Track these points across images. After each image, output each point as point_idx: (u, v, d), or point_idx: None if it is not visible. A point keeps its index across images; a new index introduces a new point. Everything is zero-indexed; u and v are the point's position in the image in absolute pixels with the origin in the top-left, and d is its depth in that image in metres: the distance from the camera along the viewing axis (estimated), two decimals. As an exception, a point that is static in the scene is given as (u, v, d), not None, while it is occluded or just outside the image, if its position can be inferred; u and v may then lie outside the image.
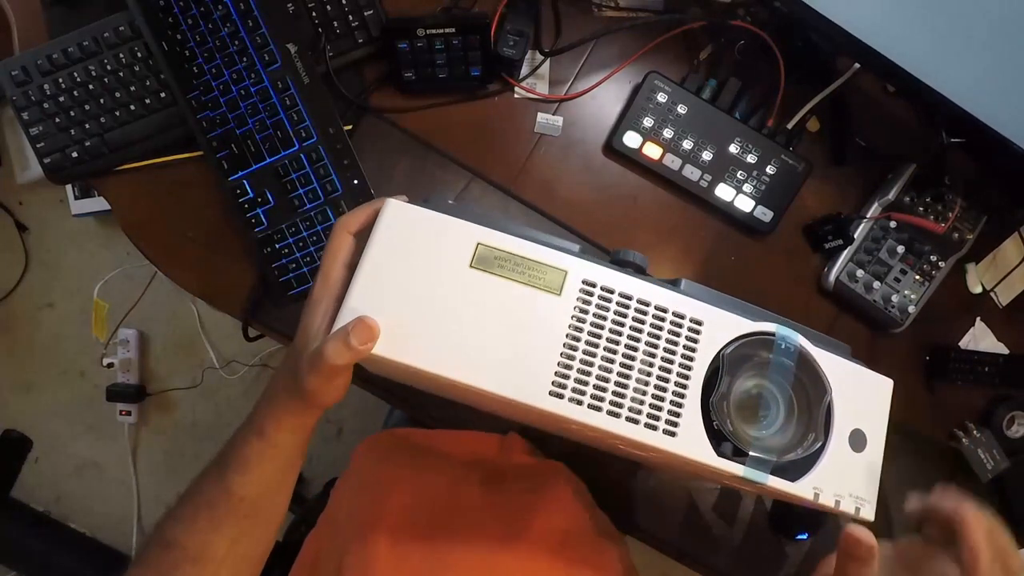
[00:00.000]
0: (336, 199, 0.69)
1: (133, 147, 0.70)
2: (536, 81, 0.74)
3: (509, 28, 0.70)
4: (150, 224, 0.73)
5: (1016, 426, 0.80)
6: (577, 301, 0.41)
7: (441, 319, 0.41)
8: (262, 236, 0.69)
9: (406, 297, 0.41)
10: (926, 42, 0.60)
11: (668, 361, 0.41)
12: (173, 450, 1.66)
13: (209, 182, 0.71)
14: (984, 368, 0.78)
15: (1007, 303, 0.80)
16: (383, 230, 0.42)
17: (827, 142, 0.78)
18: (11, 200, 1.62)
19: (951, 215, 0.75)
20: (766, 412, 0.43)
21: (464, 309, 0.41)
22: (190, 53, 0.67)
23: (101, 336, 1.53)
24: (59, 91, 0.68)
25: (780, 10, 0.64)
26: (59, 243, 1.64)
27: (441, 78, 0.71)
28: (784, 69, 0.71)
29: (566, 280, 0.42)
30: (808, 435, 0.43)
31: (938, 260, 0.77)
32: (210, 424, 1.65)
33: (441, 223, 0.42)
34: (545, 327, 0.41)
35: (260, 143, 0.68)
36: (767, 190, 0.74)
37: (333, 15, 0.70)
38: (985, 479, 0.78)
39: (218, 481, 0.46)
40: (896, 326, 0.77)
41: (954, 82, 0.61)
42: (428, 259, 0.42)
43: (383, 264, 0.42)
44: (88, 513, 1.64)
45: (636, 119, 0.73)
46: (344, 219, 0.45)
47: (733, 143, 0.73)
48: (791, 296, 0.78)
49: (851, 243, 0.76)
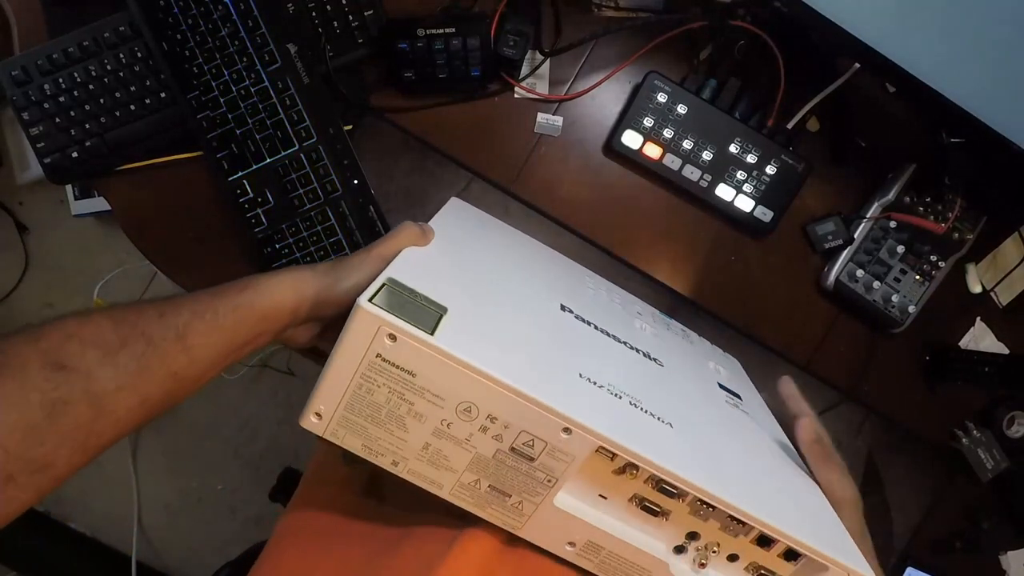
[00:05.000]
0: (336, 199, 0.69)
1: (133, 147, 0.70)
2: (536, 81, 0.74)
3: (509, 28, 0.70)
4: (150, 224, 0.73)
5: (1016, 426, 0.80)
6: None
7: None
8: (262, 236, 0.69)
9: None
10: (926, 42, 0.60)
11: None
12: (173, 450, 1.66)
13: (209, 182, 0.71)
14: (984, 368, 0.78)
15: (1007, 303, 0.80)
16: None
17: (827, 142, 0.78)
18: (11, 200, 1.62)
19: (951, 215, 0.75)
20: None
21: None
22: (190, 53, 0.67)
23: (101, 336, 1.53)
24: (59, 91, 0.68)
25: (780, 10, 0.64)
26: (59, 243, 1.64)
27: (441, 78, 0.71)
28: (784, 69, 0.71)
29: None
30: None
31: (938, 260, 0.77)
32: (210, 424, 1.65)
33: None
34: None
35: (260, 143, 0.68)
36: (767, 190, 0.74)
37: (333, 15, 0.70)
38: (985, 479, 0.78)
39: (163, 318, 0.38)
40: (896, 326, 0.77)
41: (954, 82, 0.61)
42: None
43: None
44: (88, 513, 1.64)
45: (636, 119, 0.73)
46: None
47: (733, 143, 0.73)
48: (791, 296, 0.78)
49: (851, 243, 0.76)
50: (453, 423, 0.39)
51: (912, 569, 0.80)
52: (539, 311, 0.49)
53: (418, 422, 0.39)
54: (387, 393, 0.39)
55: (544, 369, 0.41)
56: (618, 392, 0.43)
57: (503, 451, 0.40)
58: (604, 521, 0.42)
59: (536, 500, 0.41)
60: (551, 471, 0.40)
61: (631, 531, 0.42)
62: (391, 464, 0.41)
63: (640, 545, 0.42)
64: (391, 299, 0.38)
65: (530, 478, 0.40)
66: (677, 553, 0.43)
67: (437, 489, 0.41)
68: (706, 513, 0.42)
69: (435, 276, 0.43)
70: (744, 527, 0.42)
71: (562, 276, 0.62)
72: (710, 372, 0.61)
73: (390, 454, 0.40)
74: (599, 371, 0.43)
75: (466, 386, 0.38)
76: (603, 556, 0.42)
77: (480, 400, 0.39)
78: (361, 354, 0.38)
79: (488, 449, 0.40)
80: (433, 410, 0.39)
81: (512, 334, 0.43)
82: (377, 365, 0.38)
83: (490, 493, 0.41)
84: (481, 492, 0.41)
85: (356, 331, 0.38)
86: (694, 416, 0.49)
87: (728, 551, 0.43)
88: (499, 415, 0.39)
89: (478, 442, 0.40)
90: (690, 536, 0.43)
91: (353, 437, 0.40)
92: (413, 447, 0.40)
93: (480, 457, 0.40)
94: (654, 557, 0.42)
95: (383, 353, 0.38)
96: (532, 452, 0.40)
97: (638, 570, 0.43)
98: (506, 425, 0.39)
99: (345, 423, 0.40)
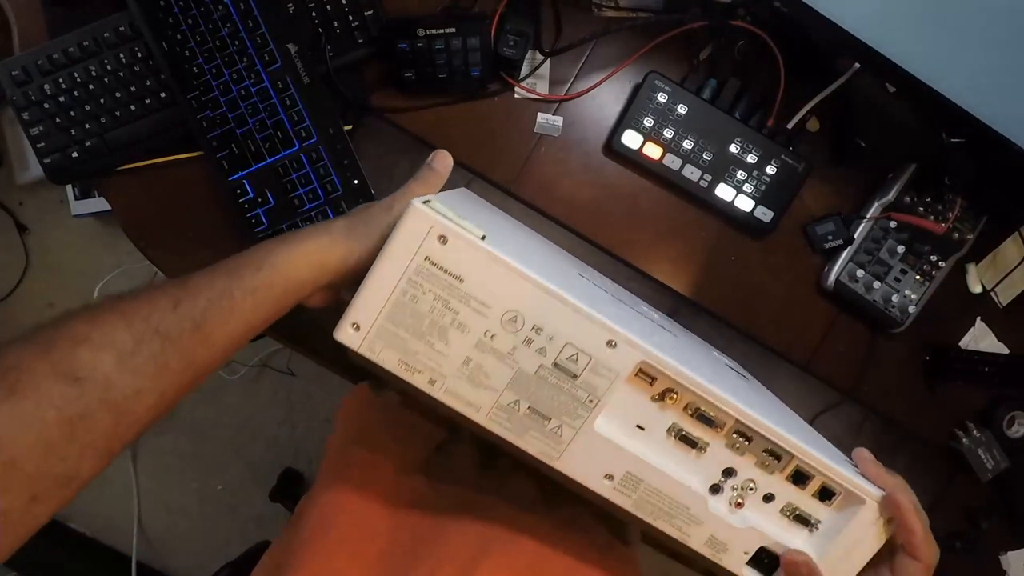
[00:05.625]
0: (336, 199, 0.69)
1: (133, 147, 0.70)
2: (536, 81, 0.74)
3: (509, 28, 0.70)
4: (150, 224, 0.73)
5: (1016, 426, 0.80)
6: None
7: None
8: (262, 236, 0.69)
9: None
10: (926, 42, 0.60)
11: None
12: (173, 450, 1.65)
13: (209, 182, 0.71)
14: (984, 368, 0.78)
15: (1007, 303, 0.80)
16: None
17: (827, 142, 0.78)
18: (11, 200, 1.62)
19: (951, 215, 0.75)
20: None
21: None
22: (190, 53, 0.67)
23: (101, 336, 1.53)
24: (59, 91, 0.68)
25: (780, 10, 0.64)
26: (59, 243, 1.64)
27: (441, 78, 0.71)
28: (784, 69, 0.71)
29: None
30: None
31: (938, 260, 0.77)
32: (210, 424, 1.65)
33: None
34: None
35: (260, 143, 0.68)
36: (767, 190, 0.74)
37: (333, 15, 0.70)
38: (985, 479, 0.78)
39: (179, 308, 0.36)
40: (896, 326, 0.77)
41: (954, 82, 0.61)
42: None
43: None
44: (88, 513, 1.64)
45: (636, 119, 0.73)
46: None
47: (733, 143, 0.73)
48: (791, 296, 0.78)
49: (851, 243, 0.76)
50: (497, 334, 0.39)
51: (912, 569, 0.80)
52: (563, 269, 0.50)
53: (461, 333, 0.39)
54: (432, 301, 0.38)
55: (582, 294, 0.41)
56: (648, 334, 0.43)
57: (546, 366, 0.39)
58: (643, 451, 0.41)
59: (576, 424, 0.40)
60: (593, 390, 0.40)
61: (669, 463, 0.42)
62: (427, 383, 0.40)
63: (679, 478, 0.42)
64: (440, 207, 0.38)
65: (571, 398, 0.40)
66: (713, 493, 0.43)
67: (473, 412, 0.40)
68: (742, 447, 0.42)
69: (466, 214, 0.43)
70: (779, 462, 0.42)
71: (570, 261, 0.62)
72: (716, 356, 0.61)
73: (428, 371, 0.39)
74: (625, 322, 0.44)
75: (514, 293, 0.38)
76: (641, 491, 0.41)
77: (527, 308, 0.38)
78: (409, 257, 0.37)
79: (531, 364, 0.39)
80: (478, 320, 0.38)
81: (547, 268, 0.43)
82: (425, 269, 0.38)
83: (529, 416, 0.40)
84: (520, 415, 0.40)
85: (407, 232, 0.37)
86: (717, 369, 0.49)
87: (764, 490, 0.43)
88: (545, 325, 0.38)
89: (521, 356, 0.39)
90: (726, 473, 0.43)
91: (390, 351, 0.39)
92: (453, 362, 0.39)
93: (522, 374, 0.39)
94: (693, 492, 0.42)
95: (432, 256, 0.37)
96: (575, 368, 0.39)
97: (677, 507, 0.42)
98: (551, 337, 0.39)
99: (384, 335, 0.39)
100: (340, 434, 0.65)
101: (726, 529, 0.42)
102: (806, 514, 0.43)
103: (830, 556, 0.43)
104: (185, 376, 0.37)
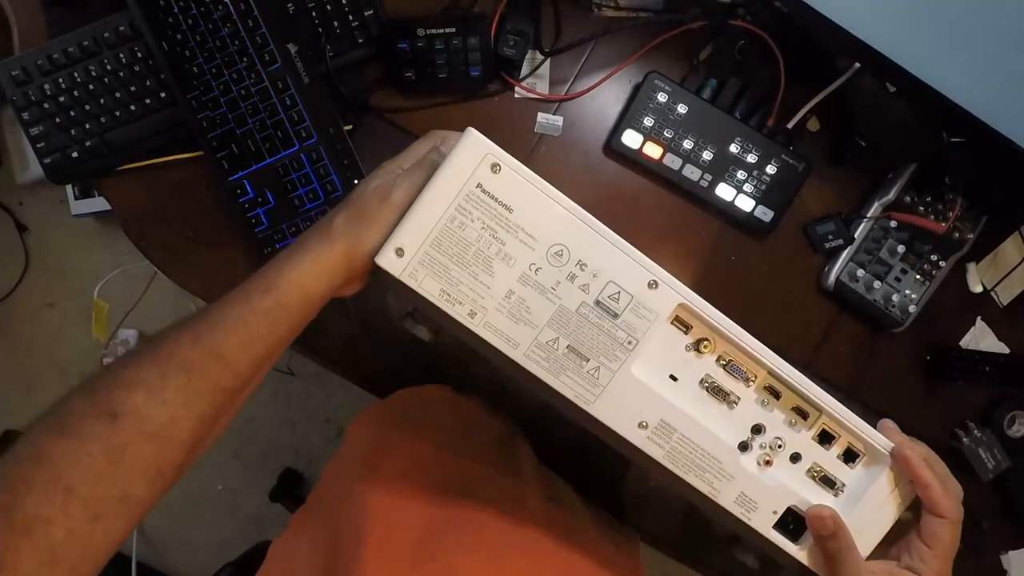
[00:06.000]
0: (336, 199, 0.69)
1: (133, 147, 0.70)
2: (536, 81, 0.74)
3: (509, 28, 0.70)
4: (150, 224, 0.73)
5: (1017, 425, 0.80)
6: None
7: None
8: (263, 236, 0.69)
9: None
10: (926, 41, 0.60)
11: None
12: (173, 450, 1.66)
13: (209, 182, 0.71)
14: (985, 368, 0.78)
15: (1007, 303, 0.80)
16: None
17: (827, 142, 0.78)
18: (11, 200, 1.62)
19: (951, 215, 0.75)
20: None
21: None
22: (190, 53, 0.67)
23: (101, 336, 1.53)
24: (59, 91, 0.68)
25: (780, 10, 0.64)
26: (59, 243, 1.64)
27: (441, 78, 0.71)
28: (784, 69, 0.71)
29: None
30: None
31: (938, 260, 0.77)
32: (210, 424, 1.65)
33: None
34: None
35: (260, 143, 0.68)
36: (767, 190, 0.74)
37: (333, 15, 0.70)
38: (986, 479, 0.78)
39: (200, 340, 0.39)
40: (897, 326, 0.77)
41: (954, 82, 0.61)
42: None
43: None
44: (88, 513, 1.64)
45: (636, 119, 0.73)
46: (440, 138, 0.45)
47: (733, 143, 0.73)
48: (791, 296, 0.78)
49: (851, 243, 0.76)
50: (542, 268, 0.39)
51: (912, 569, 0.80)
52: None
53: (506, 265, 0.39)
54: (479, 230, 0.38)
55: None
56: None
57: (588, 304, 0.40)
58: (677, 399, 0.42)
59: (613, 367, 0.41)
60: (632, 331, 0.40)
61: (702, 414, 0.42)
62: (468, 315, 0.39)
63: (711, 428, 0.42)
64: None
65: (611, 338, 0.40)
66: (742, 451, 0.43)
67: (511, 349, 0.40)
68: (771, 403, 0.43)
69: None
70: (807, 420, 0.43)
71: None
72: None
73: (469, 302, 0.39)
74: None
75: (562, 228, 0.39)
76: (674, 441, 0.42)
77: (573, 243, 0.39)
78: (462, 183, 0.38)
79: (573, 301, 0.40)
80: (524, 252, 0.39)
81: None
82: (475, 197, 0.38)
83: (567, 356, 0.40)
84: (558, 354, 0.40)
85: (461, 155, 0.37)
86: None
87: (791, 449, 0.43)
88: (590, 262, 0.39)
89: (564, 292, 0.40)
90: (755, 430, 0.43)
91: (432, 280, 0.39)
92: (496, 294, 0.39)
93: (563, 310, 0.40)
94: (724, 444, 0.42)
95: (484, 183, 0.38)
96: (616, 307, 0.40)
97: (708, 460, 0.42)
98: (595, 274, 0.39)
99: (428, 262, 0.39)
100: (364, 438, 0.67)
101: (755, 486, 0.42)
102: (832, 476, 0.44)
103: (856, 519, 0.43)
104: (217, 400, 0.40)
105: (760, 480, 0.42)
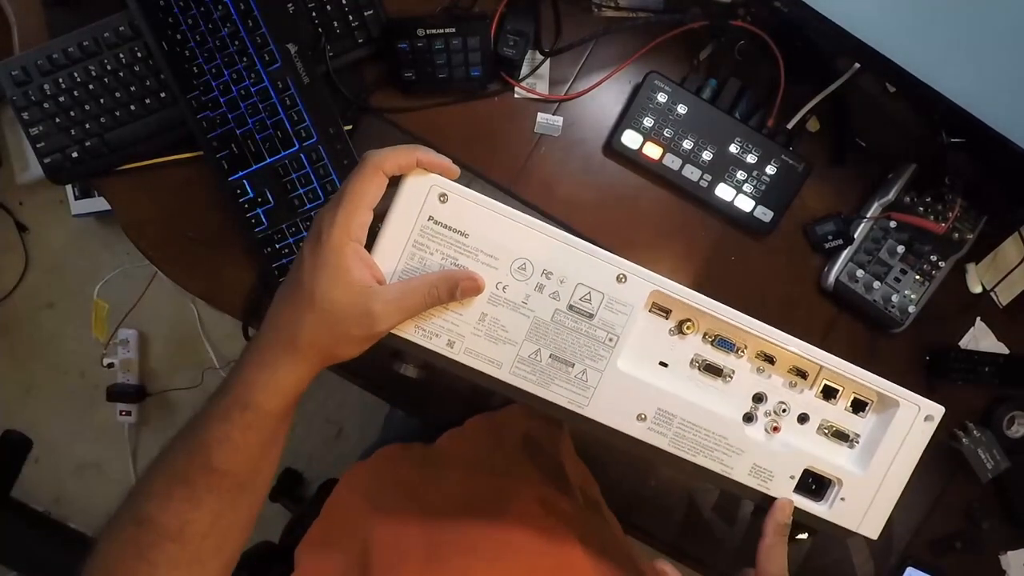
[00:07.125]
0: (336, 199, 0.69)
1: (133, 147, 0.70)
2: (536, 81, 0.74)
3: (509, 28, 0.70)
4: (150, 224, 0.73)
5: (1016, 426, 0.80)
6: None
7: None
8: (262, 236, 0.69)
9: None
10: (926, 42, 0.60)
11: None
12: (173, 450, 1.65)
13: (209, 182, 0.71)
14: (984, 368, 0.78)
15: (1007, 303, 0.80)
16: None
17: (827, 142, 0.78)
18: (11, 200, 1.62)
19: (951, 215, 0.75)
20: None
21: None
22: (190, 53, 0.67)
23: (101, 336, 1.53)
24: (59, 91, 0.68)
25: (780, 10, 0.64)
26: (59, 243, 1.64)
27: (441, 78, 0.71)
28: (784, 69, 0.71)
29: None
30: None
31: (938, 260, 0.77)
32: (210, 424, 1.65)
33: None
34: None
35: (260, 143, 0.68)
36: (767, 190, 0.74)
37: (333, 15, 0.70)
38: (985, 479, 0.78)
39: (193, 457, 0.42)
40: (896, 326, 0.77)
41: (954, 82, 0.61)
42: None
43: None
44: (88, 513, 1.64)
45: (636, 119, 0.73)
46: (378, 158, 0.39)
47: (733, 143, 0.73)
48: (791, 296, 0.78)
49: (851, 243, 0.76)
50: (509, 285, 0.39)
51: (912, 569, 0.80)
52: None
53: None
54: (440, 260, 0.39)
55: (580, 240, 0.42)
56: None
57: (561, 310, 0.40)
58: (671, 385, 0.42)
59: (600, 366, 0.41)
60: (611, 327, 0.40)
61: (699, 394, 0.42)
62: (446, 345, 0.40)
63: (711, 407, 0.42)
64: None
65: (591, 339, 0.40)
66: (748, 422, 0.43)
67: (496, 369, 0.40)
68: (767, 369, 0.42)
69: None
70: (807, 379, 0.43)
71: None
72: None
73: (445, 333, 0.40)
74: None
75: (519, 242, 0.39)
76: (676, 427, 0.41)
77: (534, 255, 0.39)
78: (413, 220, 0.38)
79: (546, 311, 0.40)
80: (487, 272, 0.39)
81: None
82: (430, 229, 0.38)
83: (552, 365, 0.40)
84: (542, 365, 0.40)
85: (407, 196, 0.38)
86: None
87: (797, 411, 0.43)
88: (554, 269, 0.39)
89: (535, 304, 0.40)
90: (757, 399, 0.43)
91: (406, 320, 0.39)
92: (469, 320, 0.40)
93: (539, 321, 0.40)
94: (728, 420, 0.42)
95: (435, 215, 0.38)
96: (590, 307, 0.40)
97: (714, 439, 0.42)
98: (562, 280, 0.39)
99: None
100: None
101: (767, 455, 0.42)
102: (844, 429, 0.43)
103: (876, 467, 0.43)
104: (225, 500, 0.42)
105: (770, 448, 0.42)
